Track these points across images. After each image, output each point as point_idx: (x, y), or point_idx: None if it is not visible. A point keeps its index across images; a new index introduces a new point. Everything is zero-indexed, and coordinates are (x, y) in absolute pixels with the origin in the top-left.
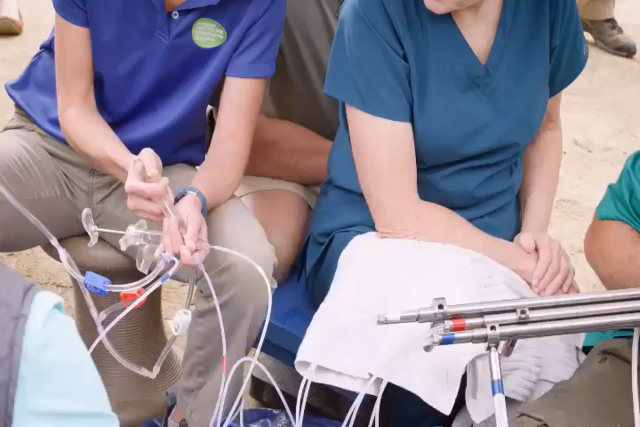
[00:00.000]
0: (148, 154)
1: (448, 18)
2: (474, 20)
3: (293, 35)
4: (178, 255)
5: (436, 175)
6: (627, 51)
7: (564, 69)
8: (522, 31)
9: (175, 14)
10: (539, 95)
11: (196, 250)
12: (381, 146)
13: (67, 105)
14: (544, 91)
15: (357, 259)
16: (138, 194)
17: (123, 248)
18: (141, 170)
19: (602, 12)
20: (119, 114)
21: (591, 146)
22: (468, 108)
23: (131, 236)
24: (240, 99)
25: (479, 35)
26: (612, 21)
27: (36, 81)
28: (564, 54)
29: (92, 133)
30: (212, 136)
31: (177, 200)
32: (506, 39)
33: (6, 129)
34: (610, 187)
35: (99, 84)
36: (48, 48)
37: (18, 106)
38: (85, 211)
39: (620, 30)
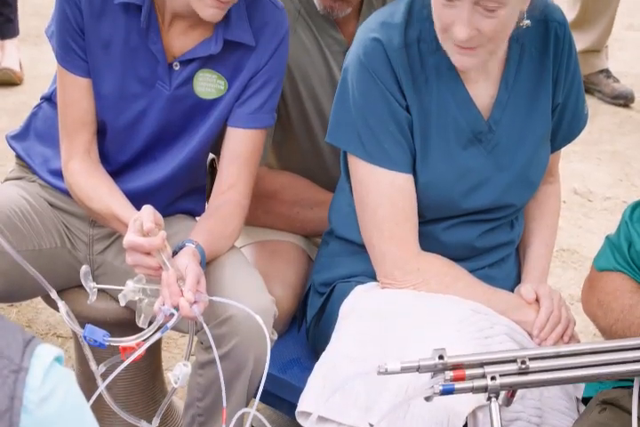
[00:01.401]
0: (147, 211)
1: (453, 73)
2: (478, 76)
3: (297, 87)
4: (177, 307)
5: (437, 227)
6: (624, 99)
7: (565, 128)
8: (525, 87)
9: (176, 65)
10: (540, 152)
11: (195, 302)
12: (383, 196)
13: (70, 157)
14: (545, 148)
15: (358, 309)
16: (136, 249)
17: (122, 303)
18: (140, 227)
19: (595, 65)
20: (119, 163)
21: (591, 195)
22: (469, 163)
23: (129, 291)
24: (241, 149)
25: (483, 90)
26: (606, 71)
27: (37, 132)
28: (566, 113)
29: (95, 188)
30: (212, 186)
31: (176, 253)
32: (509, 95)
33: (7, 180)
34: (608, 238)
35: (100, 133)
36: (48, 99)
37: (18, 157)
38: (84, 268)
39: (616, 79)
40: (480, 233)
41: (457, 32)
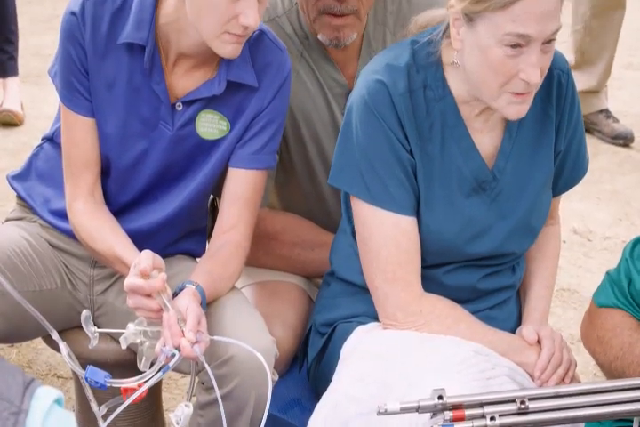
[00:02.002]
0: (145, 255)
1: (459, 122)
2: (484, 126)
3: (300, 129)
4: (178, 348)
5: (438, 271)
6: (623, 138)
7: (566, 174)
8: (528, 136)
9: (179, 105)
10: (542, 199)
11: (197, 342)
12: (387, 238)
13: (74, 198)
14: (547, 195)
15: (360, 350)
16: (136, 291)
17: (123, 346)
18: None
19: (595, 105)
20: (121, 203)
21: (591, 235)
22: (472, 211)
23: (130, 333)
24: (242, 190)
25: (487, 139)
26: (605, 111)
27: (38, 172)
28: (567, 160)
29: (98, 229)
30: (213, 226)
31: (176, 294)
32: (512, 143)
33: (7, 220)
34: (608, 274)
35: (103, 173)
36: (50, 139)
37: (19, 197)
38: (84, 313)
39: (616, 119)
40: (482, 276)
41: (530, 77)
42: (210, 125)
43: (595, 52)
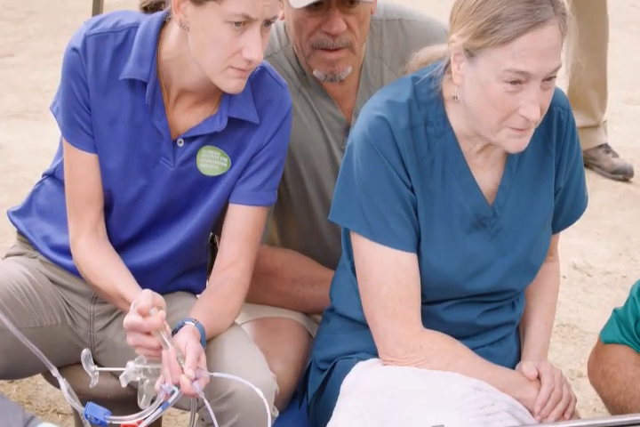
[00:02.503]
0: (145, 294)
1: (460, 158)
2: (485, 162)
3: (298, 167)
4: (178, 385)
5: (438, 307)
6: (623, 173)
7: (566, 211)
8: (528, 172)
9: (180, 142)
10: (542, 236)
11: (196, 378)
12: (387, 274)
13: (78, 234)
14: (547, 231)
15: (360, 386)
16: (136, 329)
17: (123, 384)
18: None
19: (594, 140)
20: (122, 240)
21: (590, 270)
22: (472, 248)
23: (130, 372)
24: (242, 226)
25: (488, 175)
26: (605, 146)
27: (39, 208)
28: (567, 197)
29: (101, 266)
30: (212, 262)
31: (175, 331)
32: (512, 179)
33: (8, 256)
34: (615, 311)
35: (105, 209)
36: (51, 175)
37: (20, 232)
38: (84, 352)
39: (615, 154)
40: (481, 313)
41: (530, 113)
42: (211, 162)
43: (586, 87)
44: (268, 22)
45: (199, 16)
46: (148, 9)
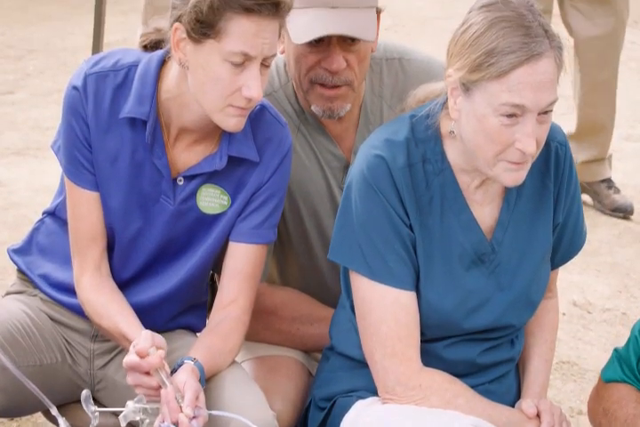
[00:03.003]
0: (144, 336)
1: (459, 195)
2: (484, 198)
3: (298, 205)
4: (177, 423)
5: (438, 345)
6: (623, 211)
7: (565, 246)
8: (526, 208)
9: (180, 180)
10: (540, 271)
11: (195, 417)
12: (387, 313)
13: (81, 273)
14: (546, 267)
15: (359, 424)
16: (135, 368)
17: (122, 425)
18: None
19: (598, 173)
20: (122, 279)
21: (590, 307)
22: (471, 284)
23: (130, 411)
24: (242, 264)
25: (487, 211)
26: (608, 181)
27: (39, 246)
28: (566, 232)
29: (106, 306)
30: (212, 300)
31: (175, 370)
32: (510, 215)
33: (8, 294)
34: (616, 350)
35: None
36: (51, 214)
37: (20, 270)
38: (84, 393)
39: (617, 190)
40: (481, 351)
41: (526, 146)
42: (211, 200)
43: (594, 121)
44: (267, 60)
45: (198, 54)
46: (148, 47)
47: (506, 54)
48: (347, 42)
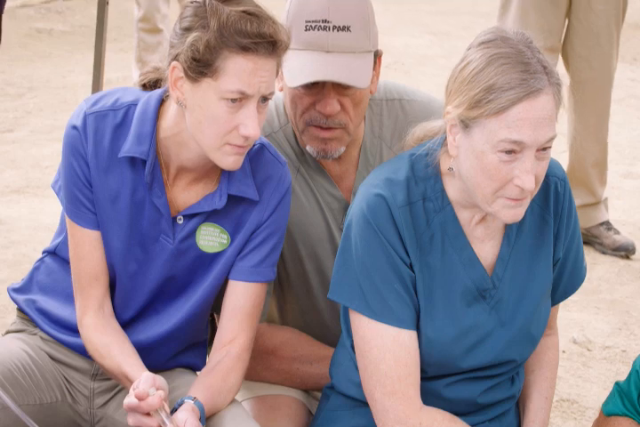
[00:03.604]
0: (144, 378)
1: (459, 232)
2: (484, 234)
3: (297, 247)
4: None
5: (439, 383)
6: (625, 250)
7: (564, 283)
8: (527, 243)
9: (180, 219)
10: (541, 307)
11: None
12: (386, 352)
13: (84, 312)
14: (546, 302)
15: None
16: (135, 410)
17: None
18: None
19: (595, 218)
20: (123, 318)
21: (590, 344)
22: (472, 320)
23: None
24: (242, 303)
25: (488, 248)
26: (606, 224)
27: (40, 285)
28: (565, 268)
29: (108, 346)
30: (212, 337)
31: (175, 409)
32: (510, 251)
33: (8, 332)
34: (617, 384)
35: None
36: (52, 253)
37: (20, 309)
38: None
39: (617, 231)
40: (482, 390)
41: (525, 183)
42: (210, 239)
43: (587, 165)
44: (264, 98)
45: (195, 93)
46: (147, 86)
47: (505, 91)
48: (341, 86)
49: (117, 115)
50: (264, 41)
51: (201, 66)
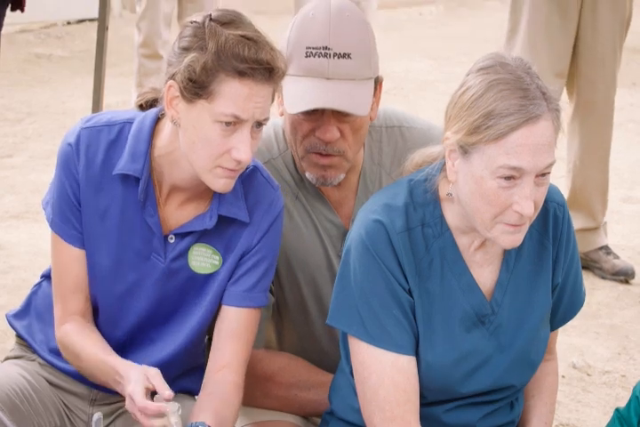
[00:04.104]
0: (136, 378)
1: (458, 257)
2: (483, 259)
3: (295, 273)
4: None
5: (439, 409)
6: (624, 275)
7: (563, 308)
8: (525, 268)
9: (171, 238)
10: (540, 332)
11: None
12: (385, 378)
13: (64, 319)
14: (545, 328)
15: None
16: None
17: None
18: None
19: (595, 242)
20: (113, 342)
21: (589, 369)
22: (472, 345)
23: None
24: (235, 327)
25: (487, 273)
26: (605, 248)
27: (37, 310)
28: (565, 292)
29: (89, 347)
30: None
31: None
32: (509, 276)
33: (7, 359)
34: (617, 410)
35: (93, 307)
36: (49, 277)
37: (18, 335)
38: (97, 415)
39: (616, 256)
40: (481, 416)
41: (524, 209)
42: (202, 260)
43: (588, 189)
44: (259, 124)
45: (190, 113)
46: (144, 106)
47: (504, 117)
48: (341, 113)
49: (112, 131)
50: (261, 67)
51: (196, 87)
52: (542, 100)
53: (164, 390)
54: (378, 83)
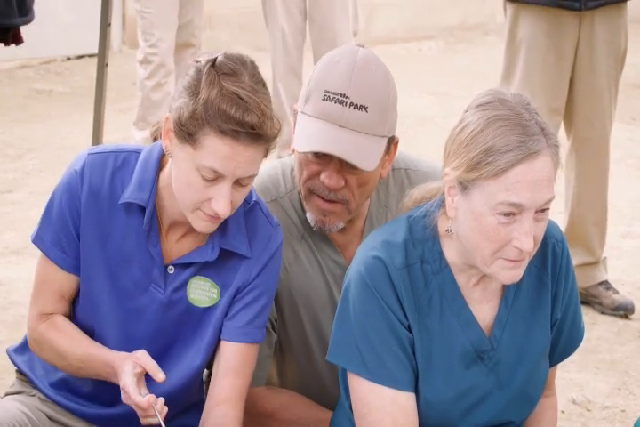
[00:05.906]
0: (127, 372)
1: (457, 294)
2: (482, 296)
3: (299, 311)
4: None
5: None
6: (624, 310)
7: (563, 343)
8: (524, 304)
9: (171, 269)
10: (539, 368)
11: None
12: (384, 414)
13: (38, 323)
14: (545, 363)
15: None
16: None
17: None
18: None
19: (594, 277)
20: None
21: (589, 405)
22: (471, 382)
23: None
24: (233, 362)
25: (486, 309)
26: (605, 283)
27: None
28: (564, 328)
29: (67, 341)
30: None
31: None
32: (508, 312)
33: (7, 394)
34: None
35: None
36: None
37: (19, 371)
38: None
39: (616, 291)
40: None
41: (523, 245)
42: (201, 293)
43: (586, 225)
44: (242, 180)
45: (179, 152)
46: (158, 138)
47: (503, 153)
48: (349, 163)
49: (118, 158)
50: (244, 131)
51: (184, 132)
52: (541, 136)
53: (157, 372)
54: (392, 142)
